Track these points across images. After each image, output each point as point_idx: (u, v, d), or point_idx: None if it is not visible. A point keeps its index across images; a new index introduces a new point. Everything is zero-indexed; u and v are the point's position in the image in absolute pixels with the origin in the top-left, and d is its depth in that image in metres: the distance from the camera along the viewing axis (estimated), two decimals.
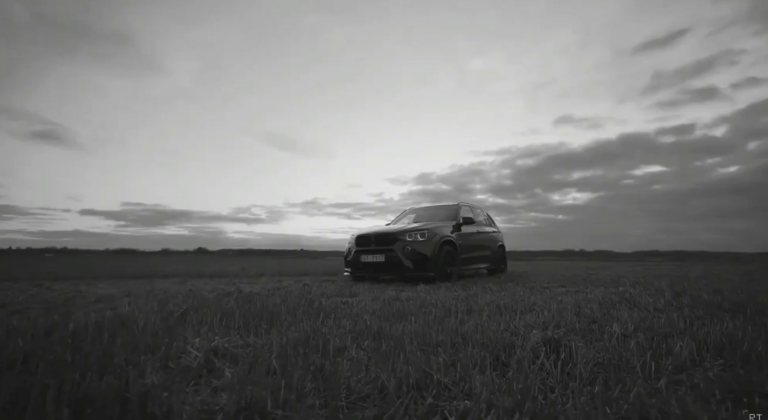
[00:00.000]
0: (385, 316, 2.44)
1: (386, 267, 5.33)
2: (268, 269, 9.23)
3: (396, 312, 2.58)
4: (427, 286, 4.79)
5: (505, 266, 7.83)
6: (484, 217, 7.71)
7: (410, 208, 7.59)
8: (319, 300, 3.28)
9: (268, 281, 5.71)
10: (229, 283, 5.30)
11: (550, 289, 4.40)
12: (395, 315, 2.50)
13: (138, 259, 21.28)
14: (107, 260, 18.45)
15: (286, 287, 4.76)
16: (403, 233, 5.38)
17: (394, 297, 3.58)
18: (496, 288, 4.57)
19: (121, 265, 11.44)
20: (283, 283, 5.49)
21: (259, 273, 7.64)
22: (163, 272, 7.63)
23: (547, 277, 6.68)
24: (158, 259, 23.44)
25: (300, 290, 4.30)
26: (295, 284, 5.18)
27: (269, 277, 6.59)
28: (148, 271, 8.08)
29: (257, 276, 6.96)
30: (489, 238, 7.26)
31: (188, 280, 6.00)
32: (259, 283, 5.34)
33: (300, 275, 7.26)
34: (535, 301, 3.26)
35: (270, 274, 7.53)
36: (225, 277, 6.60)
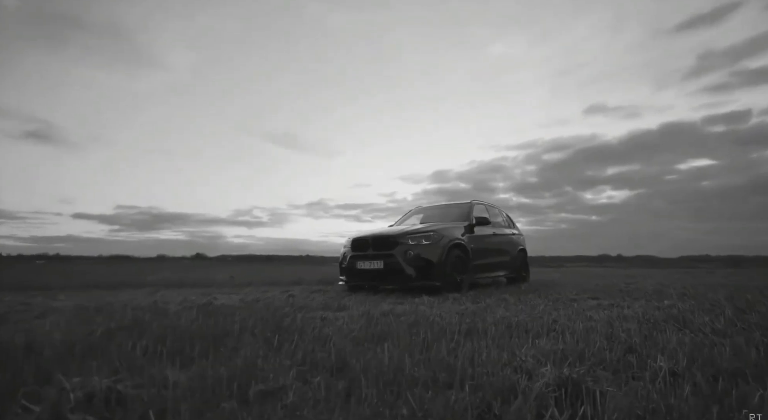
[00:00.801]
0: (362, 339, 2.10)
1: (385, 275, 5.00)
2: (261, 277, 9.01)
3: (378, 333, 2.25)
4: (431, 297, 4.44)
5: (527, 274, 7.39)
6: (503, 218, 7.32)
7: (417, 207, 7.25)
8: (294, 316, 2.97)
9: (252, 291, 5.46)
10: (205, 294, 5.07)
11: (578, 303, 3.99)
12: (375, 337, 2.16)
13: (128, 266, 21.53)
14: (96, 268, 18.69)
15: (268, 299, 4.48)
16: (405, 236, 5.04)
17: (387, 311, 3.24)
18: (512, 300, 4.18)
19: (106, 273, 11.45)
20: (267, 293, 5.23)
21: (248, 282, 7.42)
22: (143, 281, 7.49)
23: (576, 286, 6.23)
24: (150, 266, 23.70)
25: (281, 303, 4.01)
26: (281, 295, 4.91)
27: (256, 287, 6.34)
28: (129, 279, 7.96)
29: (243, 285, 6.72)
30: (507, 241, 6.85)
31: (163, 290, 5.80)
32: (240, 294, 5.09)
33: (292, 284, 7.00)
34: (557, 319, 2.87)
35: (259, 283, 7.29)
36: (207, 287, 6.38)
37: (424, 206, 7.14)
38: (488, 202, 7.09)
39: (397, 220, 7.09)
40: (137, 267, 20.44)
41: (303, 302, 4.11)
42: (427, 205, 7.10)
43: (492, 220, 6.65)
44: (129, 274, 11.20)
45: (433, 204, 7.08)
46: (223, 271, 13.30)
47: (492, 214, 6.86)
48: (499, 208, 7.49)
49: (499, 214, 7.29)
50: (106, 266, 22.34)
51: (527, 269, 7.42)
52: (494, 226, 6.61)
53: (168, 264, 30.08)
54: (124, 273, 11.74)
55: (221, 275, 9.63)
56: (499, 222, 6.99)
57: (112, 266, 22.94)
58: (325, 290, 5.66)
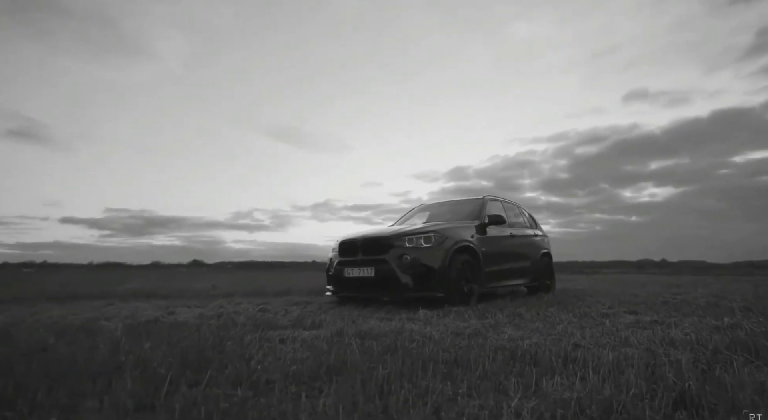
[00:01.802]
0: (304, 375, 1.68)
1: (377, 284, 4.58)
2: (247, 287, 8.70)
3: (331, 365, 1.82)
4: (430, 311, 4.00)
5: (552, 282, 6.87)
6: (524, 217, 6.85)
7: (421, 204, 6.82)
8: (242, 337, 2.57)
9: (222, 304, 5.10)
10: (164, 307, 4.74)
11: (610, 319, 3.48)
12: (325, 372, 1.74)
13: (114, 274, 21.70)
14: (79, 276, 18.83)
15: (238, 312, 4.12)
16: (401, 237, 4.61)
17: (365, 331, 2.82)
18: (529, 315, 3.70)
19: (82, 282, 11.36)
20: (241, 306, 4.87)
21: (228, 292, 7.10)
22: (111, 292, 7.25)
23: (611, 297, 5.69)
24: (140, 274, 23.85)
25: (243, 319, 3.64)
26: (253, 308, 4.54)
27: (231, 299, 6.00)
28: (99, 290, 7.75)
29: (220, 297, 6.40)
30: (528, 244, 6.36)
31: (120, 302, 5.51)
32: (209, 307, 4.73)
33: (278, 295, 6.65)
34: (579, 342, 2.39)
35: (240, 293, 6.96)
36: (175, 299, 6.07)
37: (429, 203, 6.71)
38: (506, 199, 6.62)
39: (398, 219, 6.67)
40: (124, 275, 20.52)
41: (272, 318, 3.72)
42: (433, 202, 6.66)
43: (509, 219, 6.19)
44: (107, 283, 11.07)
45: (439, 201, 6.63)
46: (212, 280, 13.09)
47: (510, 212, 6.39)
48: (520, 206, 7.02)
49: (519, 212, 6.82)
50: (93, 274, 22.55)
51: (552, 277, 6.90)
52: (512, 226, 6.15)
53: (160, 272, 30.35)
54: (103, 282, 11.63)
55: (204, 285, 9.37)
56: (518, 221, 6.52)
57: (99, 274, 23.15)
58: (310, 302, 5.27)
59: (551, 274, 6.90)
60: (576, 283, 10.87)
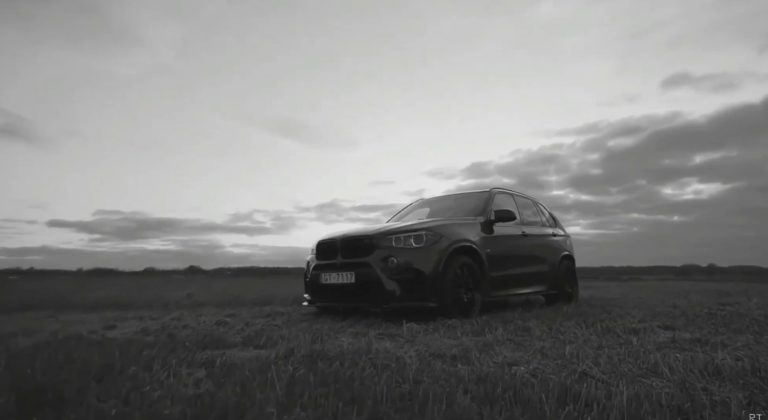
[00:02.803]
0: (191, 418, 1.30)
1: (357, 292, 4.19)
2: (226, 296, 8.41)
3: (226, 406, 1.43)
4: (419, 324, 3.59)
5: (574, 290, 6.38)
6: (540, 214, 6.43)
7: (421, 199, 6.42)
8: (152, 359, 2.20)
9: (182, 315, 4.78)
10: (118, 319, 4.44)
11: (640, 336, 3.03)
12: (219, 413, 1.35)
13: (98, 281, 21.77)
14: (61, 283, 18.90)
15: (188, 326, 3.78)
16: (386, 236, 4.21)
17: (321, 352, 2.43)
18: (539, 330, 3.27)
19: (52, 290, 11.25)
20: (201, 318, 4.53)
21: (201, 302, 6.80)
22: (73, 301, 7.02)
23: (645, 308, 5.19)
24: (127, 280, 23.91)
25: (190, 333, 3.29)
26: (211, 320, 4.19)
27: (198, 309, 5.68)
28: (60, 298, 7.53)
29: (189, 307, 6.09)
30: (545, 245, 5.91)
31: (74, 313, 5.24)
32: (162, 320, 4.40)
33: (257, 304, 6.31)
34: (590, 370, 1.96)
35: (215, 303, 6.65)
36: (140, 309, 5.78)
37: (429, 198, 6.30)
38: (519, 192, 6.18)
39: (392, 216, 6.27)
40: (107, 282, 20.55)
41: (225, 333, 3.38)
42: (433, 197, 6.25)
43: (523, 216, 5.76)
44: (80, 290, 10.94)
45: (441, 195, 6.21)
46: (198, 288, 12.89)
47: (523, 208, 5.95)
48: (537, 201, 6.58)
49: (536, 208, 6.37)
50: (76, 282, 22.66)
51: (574, 283, 6.40)
52: (525, 223, 5.70)
53: (151, 279, 30.48)
54: (76, 290, 11.51)
55: (180, 293, 9.11)
56: (533, 219, 6.08)
57: (83, 281, 23.27)
58: (284, 314, 4.91)
59: (573, 280, 6.40)
60: (606, 292, 10.30)
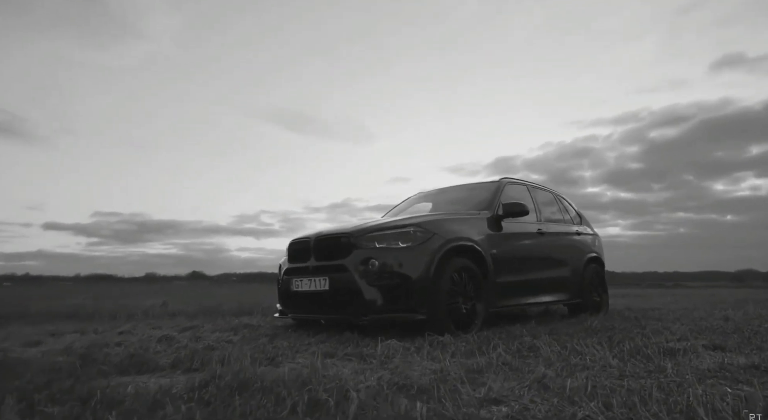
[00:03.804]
0: None
1: (332, 301, 3.78)
2: (205, 303, 8.11)
3: None
4: (402, 341, 3.15)
5: (603, 298, 5.83)
6: (566, 210, 5.97)
7: (419, 193, 5.97)
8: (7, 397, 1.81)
9: (133, 328, 4.45)
10: (57, 333, 4.14)
11: (678, 359, 2.52)
12: None
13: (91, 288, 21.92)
14: (48, 291, 19.08)
15: (122, 344, 3.40)
16: (366, 234, 3.78)
17: (247, 382, 2.01)
18: (549, 351, 2.80)
19: (28, 298, 11.22)
20: (157, 331, 4.18)
21: (172, 312, 6.50)
22: (38, 310, 6.81)
23: (688, 321, 4.64)
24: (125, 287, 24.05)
25: (122, 351, 2.91)
26: (156, 334, 3.82)
27: (159, 320, 5.35)
28: (20, 308, 7.33)
29: (155, 317, 5.78)
30: (566, 245, 5.44)
31: (19, 325, 4.97)
32: (107, 335, 4.07)
33: (236, 315, 5.97)
34: (595, 415, 1.47)
35: (188, 313, 6.32)
36: (96, 320, 5.49)
37: (430, 191, 5.86)
38: (535, 183, 5.70)
39: (387, 212, 5.83)
40: (100, 290, 20.66)
41: (161, 351, 3.01)
42: (435, 190, 5.81)
43: (540, 211, 5.31)
44: (54, 298, 10.86)
45: (443, 188, 5.76)
46: (195, 295, 12.69)
47: (540, 201, 5.45)
48: (559, 195, 6.13)
49: (555, 202, 5.86)
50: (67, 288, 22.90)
51: (603, 291, 5.84)
52: (542, 219, 5.21)
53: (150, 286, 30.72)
54: (53, 297, 11.45)
55: (155, 301, 8.86)
56: (553, 215, 5.60)
57: (74, 289, 23.50)
58: (256, 326, 4.52)
59: (602, 287, 5.84)
60: (646, 301, 9.64)
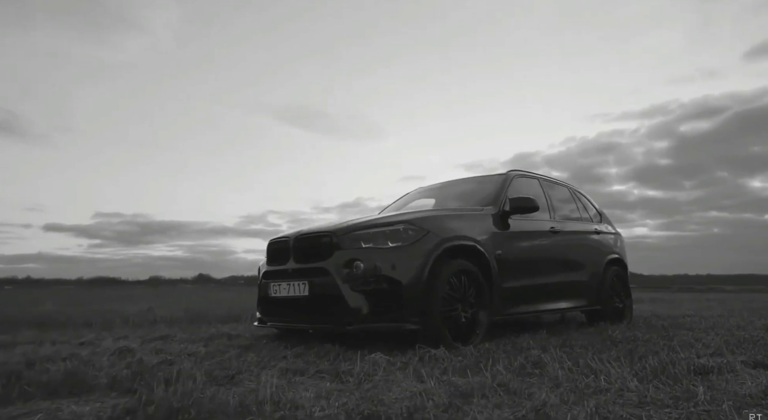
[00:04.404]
0: None
1: (312, 309, 3.49)
2: (196, 309, 7.91)
3: None
4: (388, 355, 2.86)
5: (626, 305, 5.46)
6: (585, 208, 5.65)
7: (419, 188, 5.68)
8: None
9: (96, 339, 4.23)
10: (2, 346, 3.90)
11: (711, 380, 2.19)
12: None
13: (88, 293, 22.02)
14: (43, 295, 19.19)
15: (70, 358, 3.15)
16: (351, 233, 3.49)
17: (174, 410, 1.72)
18: (558, 369, 2.49)
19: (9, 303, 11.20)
20: (116, 343, 3.93)
21: (156, 318, 6.27)
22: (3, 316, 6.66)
23: (723, 332, 4.28)
24: (129, 291, 24.12)
25: (55, 368, 2.65)
26: (113, 348, 3.56)
27: (130, 329, 5.13)
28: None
29: (135, 325, 5.56)
30: (583, 245, 5.13)
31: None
32: (62, 347, 3.84)
33: (222, 321, 5.74)
34: None
35: (169, 320, 6.11)
36: (63, 329, 5.27)
37: (431, 186, 5.57)
38: (548, 177, 5.37)
39: (383, 209, 5.54)
40: (97, 294, 20.71)
41: (110, 367, 2.75)
42: (437, 184, 5.51)
43: (554, 207, 4.98)
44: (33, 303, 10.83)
45: (445, 182, 5.45)
46: (190, 300, 12.55)
47: (554, 196, 5.13)
48: (575, 189, 5.80)
49: (572, 197, 5.54)
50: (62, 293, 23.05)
51: (626, 295, 5.47)
52: (555, 217, 4.89)
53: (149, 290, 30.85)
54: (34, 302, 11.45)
55: (141, 307, 8.70)
56: (568, 212, 5.29)
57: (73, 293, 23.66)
58: (235, 335, 4.26)
59: (624, 291, 5.46)
60: (675, 306, 9.16)
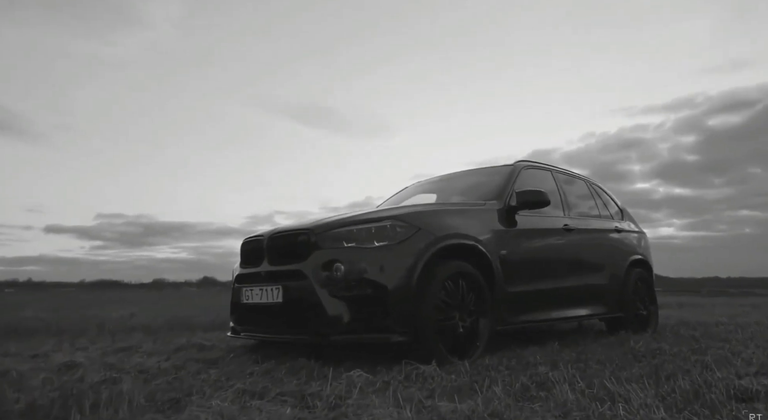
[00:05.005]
0: None
1: (286, 317, 3.20)
2: (189, 314, 7.69)
3: None
4: (369, 373, 2.54)
5: (651, 311, 5.11)
6: (606, 204, 5.33)
7: (418, 182, 5.41)
8: None
9: (51, 351, 3.99)
10: None
11: (759, 411, 1.80)
12: None
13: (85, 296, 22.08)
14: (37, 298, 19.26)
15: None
16: (331, 231, 3.17)
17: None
18: (567, 393, 2.16)
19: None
20: (73, 355, 3.68)
21: (135, 326, 6.03)
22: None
23: (765, 343, 3.88)
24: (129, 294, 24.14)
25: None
26: (59, 362, 3.29)
27: (98, 339, 4.91)
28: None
29: (111, 332, 5.33)
30: (602, 245, 4.79)
31: None
32: (13, 359, 3.57)
33: (204, 329, 5.49)
34: None
35: (151, 327, 5.87)
36: (29, 339, 5.04)
37: (431, 179, 5.27)
38: (562, 168, 5.05)
39: (383, 202, 5.27)
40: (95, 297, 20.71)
41: (23, 391, 2.45)
42: (437, 177, 5.22)
43: (568, 202, 4.64)
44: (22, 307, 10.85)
45: (447, 174, 5.15)
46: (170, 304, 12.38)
47: (568, 190, 4.87)
48: (593, 182, 5.46)
49: (590, 192, 5.25)
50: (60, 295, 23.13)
51: (651, 301, 5.13)
52: (570, 214, 4.61)
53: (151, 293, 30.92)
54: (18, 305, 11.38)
55: (123, 312, 8.51)
56: (585, 209, 4.96)
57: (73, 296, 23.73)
58: (204, 347, 3.96)
59: (650, 297, 5.11)
60: (707, 312, 8.68)
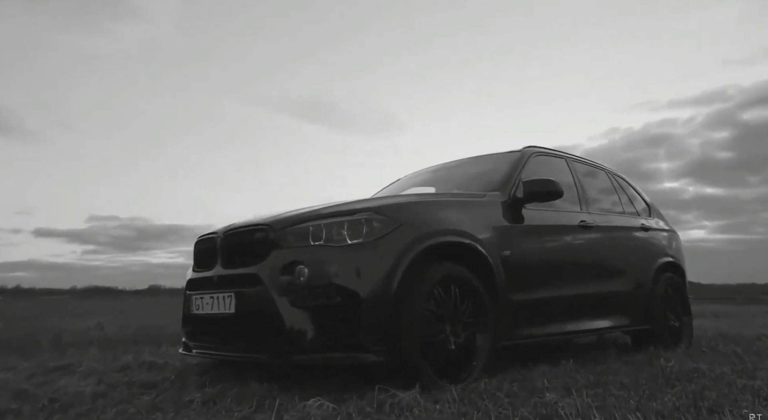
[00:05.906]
0: None
1: (239, 331, 2.85)
2: (163, 323, 7.45)
3: None
4: (332, 404, 2.19)
5: (685, 323, 4.75)
6: (633, 199, 5.08)
7: (415, 172, 5.14)
8: None
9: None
10: None
11: None
12: None
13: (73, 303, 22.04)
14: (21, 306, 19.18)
15: None
16: (294, 226, 2.81)
17: None
18: None
19: None
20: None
21: (90, 340, 5.79)
22: None
23: None
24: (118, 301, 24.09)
25: None
26: None
27: (43, 354, 4.62)
28: None
29: (64, 346, 5.06)
30: (626, 245, 4.49)
31: None
32: None
33: (173, 342, 5.15)
34: None
35: (115, 339, 5.60)
36: None
37: (429, 168, 5.02)
38: (579, 157, 4.81)
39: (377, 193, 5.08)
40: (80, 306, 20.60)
41: None
42: (434, 167, 4.97)
43: (586, 196, 4.36)
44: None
45: (445, 163, 4.90)
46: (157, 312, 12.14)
47: (586, 181, 4.53)
48: (615, 173, 5.14)
49: (611, 184, 4.94)
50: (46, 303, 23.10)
51: (684, 311, 4.79)
52: (588, 209, 4.28)
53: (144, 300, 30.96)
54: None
55: (90, 322, 8.34)
56: (608, 202, 4.71)
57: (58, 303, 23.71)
58: (155, 365, 3.62)
59: (683, 306, 4.74)
60: (745, 323, 8.20)
